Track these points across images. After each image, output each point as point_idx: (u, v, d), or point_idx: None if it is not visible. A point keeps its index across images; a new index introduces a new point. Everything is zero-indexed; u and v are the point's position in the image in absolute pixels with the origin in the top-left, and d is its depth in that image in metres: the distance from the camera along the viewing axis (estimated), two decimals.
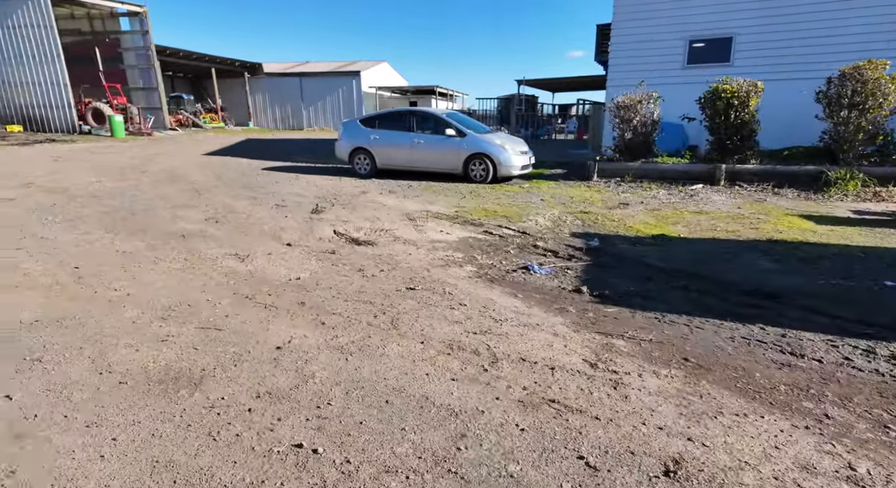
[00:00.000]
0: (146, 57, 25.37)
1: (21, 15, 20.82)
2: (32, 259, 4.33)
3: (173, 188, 8.48)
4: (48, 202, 7.02)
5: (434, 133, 9.58)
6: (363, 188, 8.85)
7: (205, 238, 5.24)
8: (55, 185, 8.49)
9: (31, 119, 22.39)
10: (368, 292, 3.56)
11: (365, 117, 10.38)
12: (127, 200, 7.27)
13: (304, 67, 38.68)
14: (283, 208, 6.98)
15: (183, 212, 6.57)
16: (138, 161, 12.56)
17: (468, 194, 8.23)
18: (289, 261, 4.44)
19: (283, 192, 8.26)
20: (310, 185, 9.08)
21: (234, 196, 7.86)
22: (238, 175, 10.31)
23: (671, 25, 10.10)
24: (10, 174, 9.69)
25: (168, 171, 10.58)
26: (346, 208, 6.99)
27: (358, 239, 5.25)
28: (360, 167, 10.32)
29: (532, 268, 4.10)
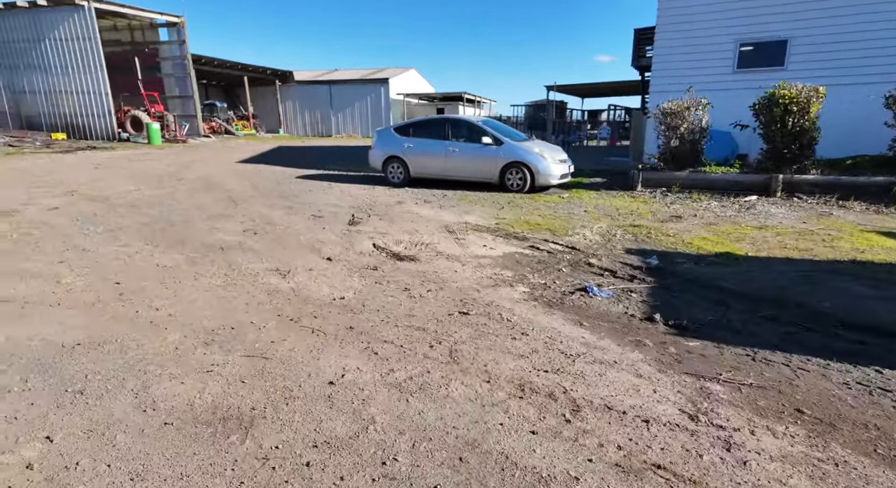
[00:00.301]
0: (182, 66, 26.05)
1: (67, 27, 21.65)
2: (74, 273, 4.26)
3: (209, 197, 8.48)
4: (90, 211, 7.07)
5: (469, 141, 9.35)
6: (398, 198, 8.68)
7: (244, 251, 5.11)
8: (96, 194, 8.60)
9: (75, 127, 23.21)
10: (419, 316, 3.32)
11: (399, 125, 10.23)
12: (165, 210, 7.26)
13: (333, 75, 39.20)
14: (319, 219, 6.84)
15: (220, 222, 6.49)
16: (174, 168, 12.75)
17: (506, 204, 7.95)
18: (331, 279, 4.24)
19: (319, 202, 8.15)
20: (344, 195, 8.96)
21: (270, 206, 7.78)
22: (272, 183, 10.30)
23: (720, 28, 9.63)
24: (56, 182, 9.91)
25: (204, 179, 10.65)
26: (384, 219, 6.81)
27: (399, 253, 5.03)
28: (393, 176, 10.16)
29: (591, 289, 3.78)
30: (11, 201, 7.71)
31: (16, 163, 13.24)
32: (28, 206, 7.34)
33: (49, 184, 9.58)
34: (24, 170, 11.86)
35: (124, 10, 22.71)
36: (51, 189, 9.08)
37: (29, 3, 21.53)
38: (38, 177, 10.50)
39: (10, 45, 23.05)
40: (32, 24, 22.22)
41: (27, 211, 7.00)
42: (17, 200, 7.82)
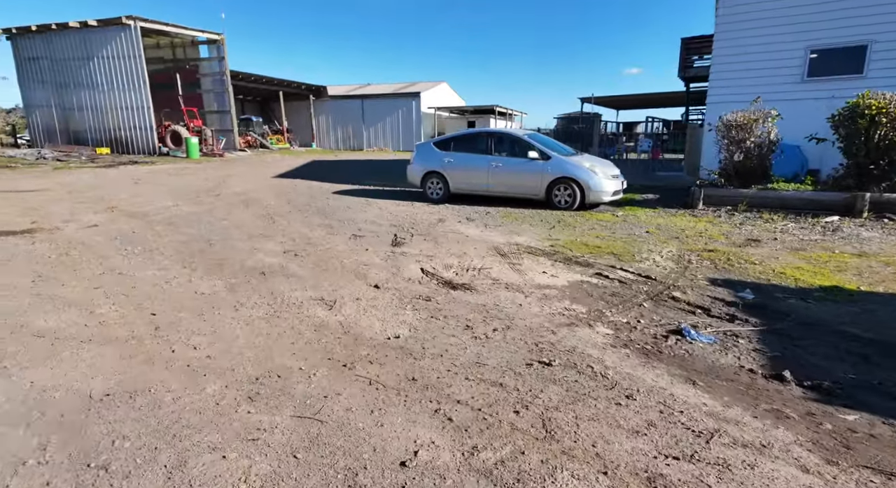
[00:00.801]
0: (221, 81, 26.66)
1: (115, 46, 22.45)
2: (109, 301, 3.97)
3: (247, 214, 8.27)
4: (128, 229, 6.91)
5: (514, 155, 8.89)
6: (439, 215, 8.26)
7: (286, 276, 4.75)
8: (135, 210, 8.52)
9: (118, 141, 23.94)
10: (491, 365, 2.83)
11: (439, 140, 9.87)
12: (203, 228, 7.05)
13: (365, 90, 39.60)
14: (360, 239, 6.47)
15: (259, 242, 6.20)
16: (212, 184, 12.74)
17: (556, 223, 7.41)
18: (381, 311, 3.81)
19: (358, 220, 7.81)
20: (383, 212, 8.61)
21: (309, 224, 7.48)
22: (309, 199, 10.07)
23: (788, 34, 8.91)
24: (97, 197, 9.94)
25: (241, 195, 10.53)
26: (428, 240, 6.39)
27: (452, 281, 4.57)
28: (433, 192, 9.78)
29: (687, 332, 3.22)
30: (54, 218, 7.67)
31: (62, 178, 13.52)
32: (69, 223, 7.25)
33: (91, 200, 9.60)
34: (69, 184, 12.05)
35: (168, 28, 23.41)
36: (92, 205, 9.07)
37: (80, 24, 22.45)
38: (81, 193, 10.59)
39: (61, 64, 24.08)
40: (82, 44, 23.15)
41: (67, 228, 6.90)
42: (59, 217, 7.77)
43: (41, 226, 7.10)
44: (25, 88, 25.65)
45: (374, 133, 37.43)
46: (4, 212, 8.20)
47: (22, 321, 3.52)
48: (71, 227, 6.97)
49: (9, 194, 10.20)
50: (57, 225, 7.15)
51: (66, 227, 6.99)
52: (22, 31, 24.17)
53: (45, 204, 9.03)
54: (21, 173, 14.60)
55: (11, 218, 7.62)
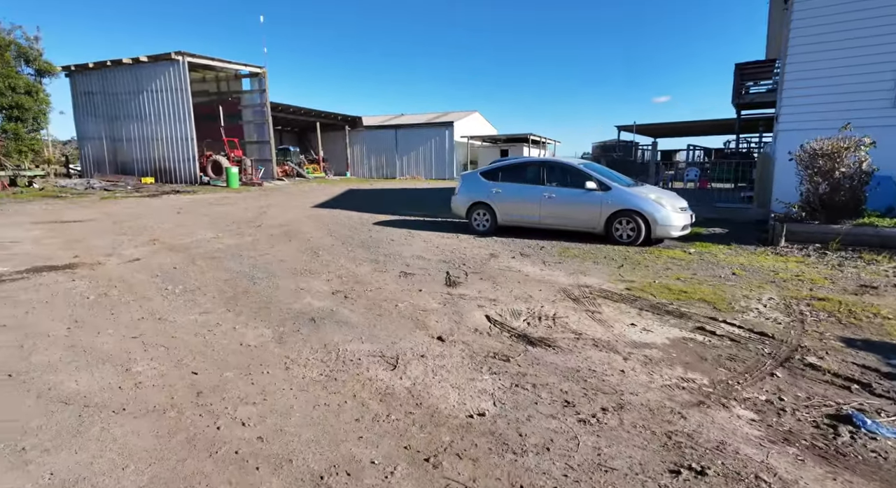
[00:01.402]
0: (262, 113, 27.36)
1: (163, 80, 23.38)
2: (147, 355, 3.53)
3: (290, 247, 7.91)
4: (170, 264, 6.62)
5: (568, 186, 8.32)
6: (489, 249, 7.71)
7: (338, 323, 4.25)
8: (177, 242, 8.30)
9: (162, 171, 24.65)
10: (620, 470, 2.19)
11: (486, 169, 9.42)
12: (246, 264, 6.69)
13: (399, 120, 40.17)
14: (410, 277, 5.96)
15: (306, 280, 5.76)
16: (252, 213, 12.63)
17: (623, 261, 6.73)
18: (453, 374, 3.23)
19: (404, 254, 7.33)
20: (428, 245, 8.13)
21: (354, 259, 7.04)
22: (351, 231, 9.71)
23: (876, 55, 8.17)
24: (140, 228, 9.85)
25: (282, 226, 10.27)
26: (485, 279, 5.81)
27: (526, 334, 3.96)
28: (479, 223, 9.27)
29: (860, 421, 2.50)
30: (97, 251, 7.49)
31: (108, 207, 13.70)
32: (110, 257, 7.03)
33: (134, 231, 9.50)
34: (113, 214, 12.12)
35: (214, 62, 24.29)
36: (135, 236, 8.94)
37: (132, 60, 23.54)
38: (125, 223, 10.56)
39: (113, 98, 25.22)
40: (134, 79, 24.22)
41: (109, 263, 6.66)
42: (102, 250, 7.59)
43: (83, 260, 6.90)
44: (80, 121, 26.95)
45: (407, 162, 37.68)
46: (49, 243, 8.11)
47: (52, 381, 3.09)
48: (112, 262, 6.74)
49: (55, 225, 10.24)
50: (98, 259, 6.94)
51: (107, 262, 6.76)
52: (80, 68, 25.56)
53: (88, 235, 8.95)
54: (69, 203, 14.93)
55: (55, 251, 7.48)
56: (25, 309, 4.60)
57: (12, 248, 7.66)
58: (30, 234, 9.02)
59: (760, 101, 13.75)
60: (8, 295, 5.07)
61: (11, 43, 24.35)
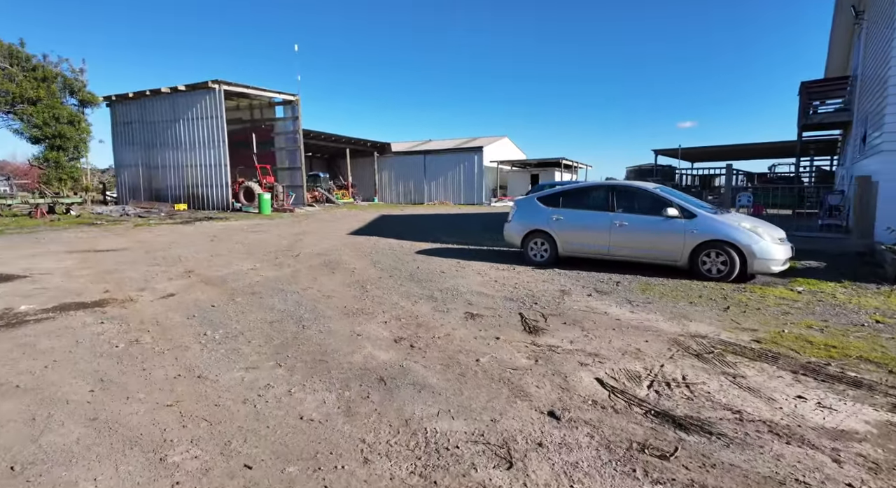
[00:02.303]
0: (294, 140, 27.45)
1: (199, 108, 23.65)
2: (187, 434, 2.76)
3: (334, 280, 7.19)
4: (207, 301, 5.95)
5: (642, 212, 7.43)
6: (557, 284, 6.82)
7: (414, 386, 3.42)
8: (213, 274, 7.69)
9: (195, 197, 24.70)
10: None
11: (544, 194, 8.62)
12: (290, 301, 5.97)
13: (427, 145, 40.11)
14: (478, 319, 5.12)
15: (360, 323, 4.98)
16: (287, 241, 12.08)
17: (724, 301, 5.76)
18: (598, 481, 2.33)
19: (462, 290, 6.51)
20: (485, 279, 7.29)
21: (408, 295, 6.26)
22: (395, 261, 8.97)
23: None
24: (174, 258, 9.33)
25: (321, 255, 9.62)
26: (568, 324, 4.93)
27: (665, 409, 3.05)
28: (536, 253, 8.41)
29: None
30: (129, 284, 6.91)
31: (141, 235, 13.39)
32: (143, 293, 6.42)
33: (167, 261, 8.97)
34: (147, 243, 11.73)
35: (248, 90, 24.54)
36: (168, 267, 8.39)
37: (170, 89, 23.95)
38: (158, 252, 10.09)
39: (150, 126, 25.66)
40: (171, 107, 24.61)
41: (141, 300, 6.03)
42: (134, 283, 7.02)
43: (114, 295, 6.30)
44: (118, 150, 27.51)
45: (436, 187, 37.34)
46: (80, 275, 7.60)
47: (63, 480, 2.33)
48: (145, 298, 6.12)
49: (88, 254, 9.83)
50: (130, 294, 6.33)
51: (139, 298, 6.14)
52: (120, 98, 26.21)
53: (121, 266, 8.44)
54: (103, 231, 14.73)
55: (85, 284, 6.93)
56: (45, 362, 3.92)
57: (42, 281, 7.16)
58: (62, 265, 8.58)
59: (831, 122, 12.68)
60: (29, 341, 4.43)
61: (58, 75, 25.16)
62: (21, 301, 5.99)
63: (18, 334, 4.65)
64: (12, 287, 6.78)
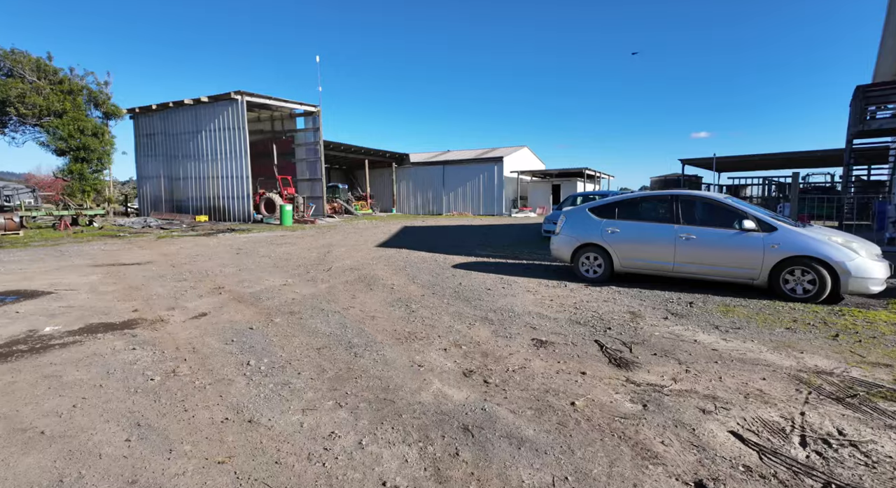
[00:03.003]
0: (315, 151, 27.26)
1: (222, 119, 23.57)
2: None
3: (375, 298, 6.65)
4: (243, 321, 5.43)
5: (713, 225, 6.77)
6: (621, 305, 6.18)
7: (509, 440, 2.82)
8: (245, 291, 7.21)
9: (216, 209, 24.52)
10: None
11: (596, 204, 8.00)
12: (333, 322, 5.43)
13: (446, 156, 39.77)
14: (550, 348, 4.51)
15: (418, 350, 4.41)
16: (315, 254, 11.61)
17: (826, 326, 5.06)
18: None
19: (517, 310, 5.92)
20: (539, 297, 6.68)
21: (460, 316, 5.68)
22: (433, 277, 8.41)
23: None
24: (201, 273, 8.89)
25: (354, 270, 9.10)
26: (659, 355, 4.29)
27: (849, 483, 2.40)
28: (588, 269, 7.77)
29: None
30: (158, 302, 6.44)
31: (165, 248, 13.04)
32: (174, 312, 5.94)
33: (195, 276, 8.53)
34: (172, 256, 11.35)
35: (270, 101, 24.43)
36: (197, 282, 7.93)
37: (193, 101, 23.94)
38: (184, 266, 9.67)
39: (173, 138, 25.67)
40: (194, 119, 24.59)
41: (173, 320, 5.54)
42: (163, 301, 6.55)
43: (143, 315, 5.83)
44: (140, 161, 27.58)
45: (454, 198, 36.88)
46: (106, 291, 7.17)
47: None
48: (176, 318, 5.63)
49: (112, 268, 9.44)
50: (160, 314, 5.85)
51: (170, 318, 5.65)
52: (144, 110, 26.33)
53: (147, 282, 8.01)
54: (126, 243, 14.45)
55: (112, 303, 6.48)
56: (74, 399, 3.41)
57: (68, 298, 6.73)
58: (87, 280, 8.18)
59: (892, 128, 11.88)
60: (55, 371, 3.93)
61: (84, 87, 25.37)
62: (46, 321, 5.54)
63: (43, 362, 4.16)
64: (37, 305, 6.35)
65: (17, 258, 10.93)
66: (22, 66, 23.73)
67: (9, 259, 10.79)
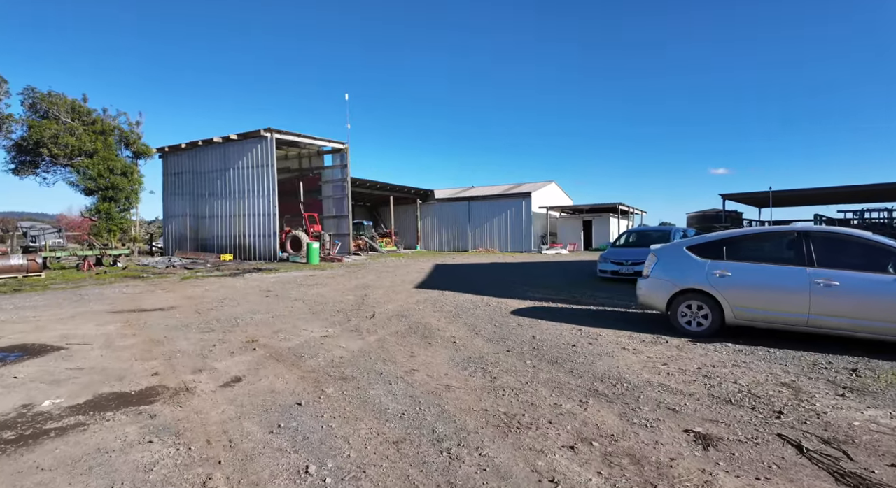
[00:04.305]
0: (342, 187, 26.73)
1: (250, 157, 23.26)
2: None
3: (438, 357, 5.43)
4: (288, 393, 4.26)
5: (860, 268, 5.46)
6: (761, 372, 4.83)
7: None
8: (282, 345, 6.07)
9: (241, 247, 23.86)
10: None
11: (697, 242, 6.76)
12: (399, 395, 4.24)
13: (471, 192, 39.11)
14: (722, 447, 3.21)
15: (536, 450, 3.15)
16: (352, 296, 10.49)
17: None
18: None
19: (630, 379, 4.64)
20: (644, 358, 5.38)
21: (558, 386, 4.43)
22: (495, 326, 7.18)
23: None
24: (231, 320, 7.81)
25: (401, 317, 7.92)
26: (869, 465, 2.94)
27: None
28: (690, 320, 6.45)
29: None
30: (182, 362, 5.32)
31: (189, 290, 12.10)
32: (201, 376, 4.80)
33: (223, 325, 7.44)
34: (197, 299, 10.36)
35: (299, 139, 24.15)
36: (226, 333, 6.85)
37: (223, 139, 23.77)
38: (210, 312, 8.62)
39: (201, 176, 25.45)
40: (222, 156, 24.38)
41: (200, 390, 4.39)
42: (188, 359, 5.44)
43: (164, 381, 4.70)
44: (167, 200, 27.39)
45: (480, 234, 35.86)
46: (123, 346, 6.10)
47: None
48: (205, 387, 4.48)
49: (133, 316, 8.44)
50: (185, 380, 4.72)
51: (198, 387, 4.51)
52: (173, 148, 26.34)
53: (170, 333, 6.94)
54: (149, 284, 13.58)
55: (129, 363, 5.39)
56: None
57: (78, 356, 5.68)
58: (103, 331, 7.16)
59: None
60: (42, 480, 2.77)
61: (116, 128, 25.57)
62: (47, 391, 4.46)
63: (27, 465, 3.02)
64: (42, 366, 5.30)
65: (33, 303, 10.06)
66: (58, 107, 24.07)
67: (25, 304, 9.92)
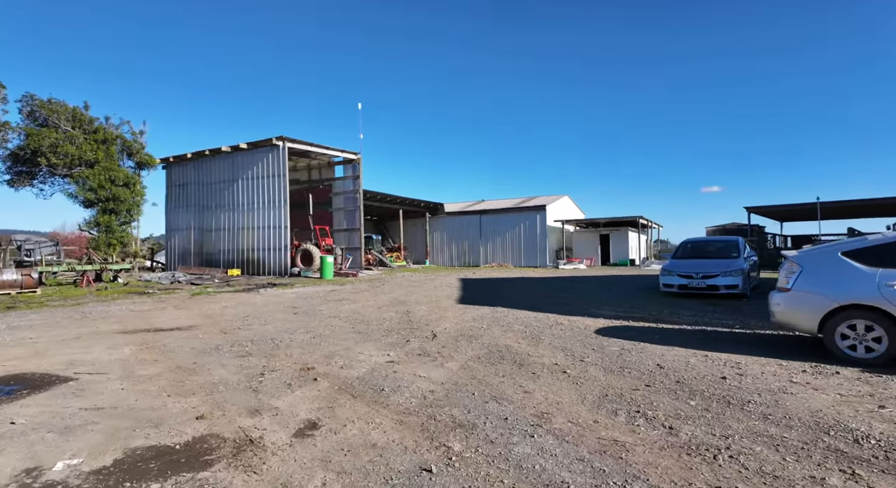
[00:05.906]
0: (353, 199, 25.57)
1: (261, 167, 22.08)
2: None
3: (557, 392, 4.16)
4: (395, 448, 2.99)
5: None
6: None
7: None
8: (346, 373, 4.79)
9: (250, 262, 22.49)
10: None
11: (859, 246, 5.56)
12: (553, 449, 2.97)
13: (483, 205, 38.05)
14: None
15: None
16: (392, 313, 9.20)
17: None
18: None
19: (863, 430, 3.39)
20: (836, 397, 4.18)
21: (769, 440, 3.22)
22: (593, 350, 5.95)
23: None
24: (265, 341, 6.50)
25: (470, 338, 6.65)
26: None
27: None
28: (856, 344, 5.23)
29: None
30: (230, 398, 3.99)
31: (204, 307, 10.74)
32: (262, 421, 3.50)
33: (259, 347, 6.14)
34: (216, 317, 9.02)
35: (311, 148, 23.07)
36: (268, 358, 5.56)
37: (231, 148, 22.62)
38: (238, 332, 7.30)
39: (207, 188, 24.19)
40: (230, 167, 23.19)
41: (268, 444, 3.11)
42: (237, 395, 4.12)
43: (214, 428, 3.41)
44: (170, 213, 26.07)
45: (492, 248, 34.66)
46: (147, 375, 4.78)
47: None
48: (275, 438, 3.19)
49: (148, 336, 7.09)
50: (244, 427, 3.42)
51: (264, 438, 3.23)
52: (178, 159, 25.14)
53: (200, 358, 5.63)
54: (157, 301, 12.19)
55: (160, 399, 4.07)
56: None
57: (92, 389, 4.36)
58: (118, 355, 5.84)
59: None
60: None
61: (118, 137, 24.38)
62: (58, 444, 3.16)
63: None
64: (46, 404, 3.99)
65: (29, 322, 8.67)
66: (58, 115, 22.88)
67: (20, 323, 8.54)
